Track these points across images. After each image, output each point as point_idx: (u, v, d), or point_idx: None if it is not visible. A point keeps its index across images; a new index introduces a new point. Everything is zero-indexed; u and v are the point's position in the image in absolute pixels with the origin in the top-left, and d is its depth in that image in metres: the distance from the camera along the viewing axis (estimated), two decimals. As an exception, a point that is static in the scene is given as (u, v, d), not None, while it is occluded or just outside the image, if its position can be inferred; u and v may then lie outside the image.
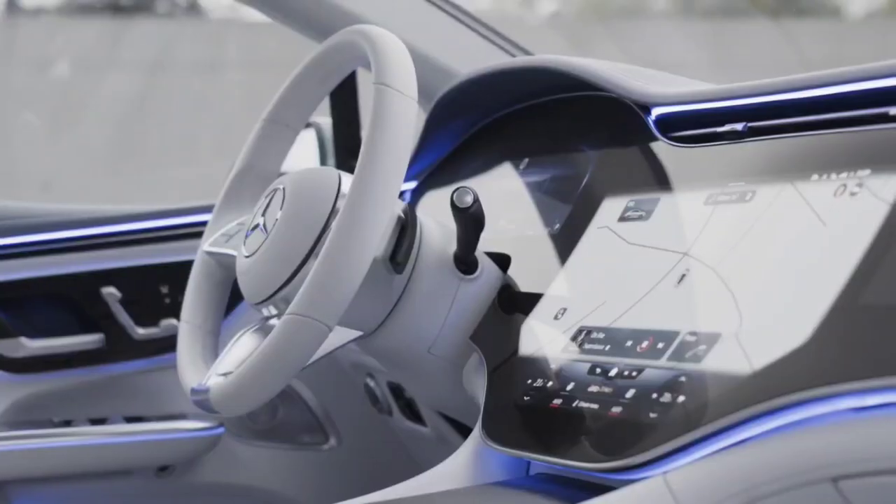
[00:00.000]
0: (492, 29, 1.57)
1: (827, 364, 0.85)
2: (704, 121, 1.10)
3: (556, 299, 1.12)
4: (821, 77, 1.00)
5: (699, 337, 0.96)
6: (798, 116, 1.02)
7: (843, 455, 0.81)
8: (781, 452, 0.84)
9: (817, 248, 0.92)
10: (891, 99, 0.94)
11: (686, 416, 0.92)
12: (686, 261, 1.02)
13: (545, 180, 1.26)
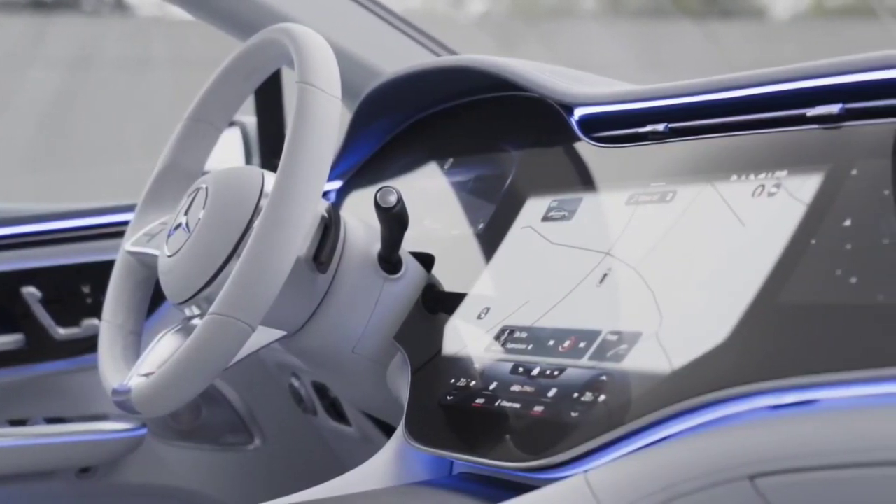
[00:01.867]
0: (417, 28, 1.57)
1: (745, 363, 0.86)
2: (626, 121, 1.11)
3: (480, 299, 1.12)
4: (740, 78, 1.01)
5: (620, 336, 0.97)
6: (718, 117, 1.03)
7: (759, 453, 0.82)
8: (700, 451, 0.85)
9: (736, 247, 0.93)
10: (808, 101, 0.95)
11: (607, 414, 0.92)
12: (608, 260, 1.03)
13: (469, 180, 1.27)
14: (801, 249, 0.88)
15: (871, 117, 0.90)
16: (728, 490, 0.83)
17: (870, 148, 0.89)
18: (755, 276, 0.89)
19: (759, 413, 0.83)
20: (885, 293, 0.80)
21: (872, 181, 0.86)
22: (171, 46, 5.26)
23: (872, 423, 0.77)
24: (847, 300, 0.82)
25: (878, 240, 0.83)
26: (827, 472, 0.79)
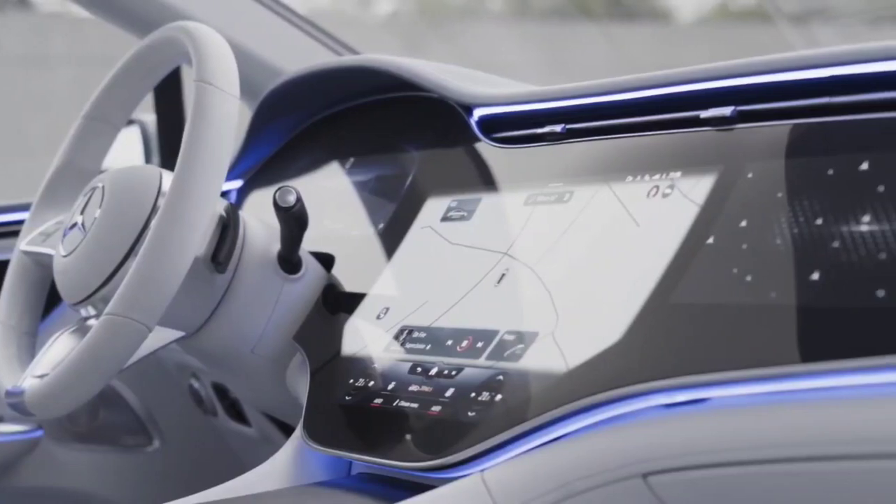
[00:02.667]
0: (319, 27, 1.56)
1: (638, 362, 0.86)
2: (525, 122, 1.11)
3: (379, 299, 1.12)
4: (636, 80, 1.02)
5: (517, 336, 0.97)
6: (615, 119, 1.04)
7: (652, 451, 0.82)
8: (594, 449, 0.86)
9: (631, 247, 0.94)
10: (702, 103, 0.96)
11: (503, 414, 0.93)
12: (506, 261, 1.03)
13: (370, 180, 1.27)
14: (694, 249, 0.89)
15: (762, 119, 0.92)
16: (622, 488, 0.84)
17: (762, 150, 0.90)
18: (649, 276, 0.90)
19: (652, 412, 0.84)
20: (777, 292, 0.81)
21: (765, 182, 0.88)
22: (71, 43, 5.19)
23: (761, 421, 0.78)
24: (741, 299, 0.83)
25: (771, 240, 0.84)
26: (716, 470, 0.80)
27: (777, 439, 0.77)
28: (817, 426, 0.76)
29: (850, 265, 0.78)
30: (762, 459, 0.78)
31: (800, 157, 0.87)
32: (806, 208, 0.83)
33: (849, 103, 0.86)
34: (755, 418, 0.79)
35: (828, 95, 0.87)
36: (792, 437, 0.77)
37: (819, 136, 0.87)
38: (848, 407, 0.75)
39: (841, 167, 0.82)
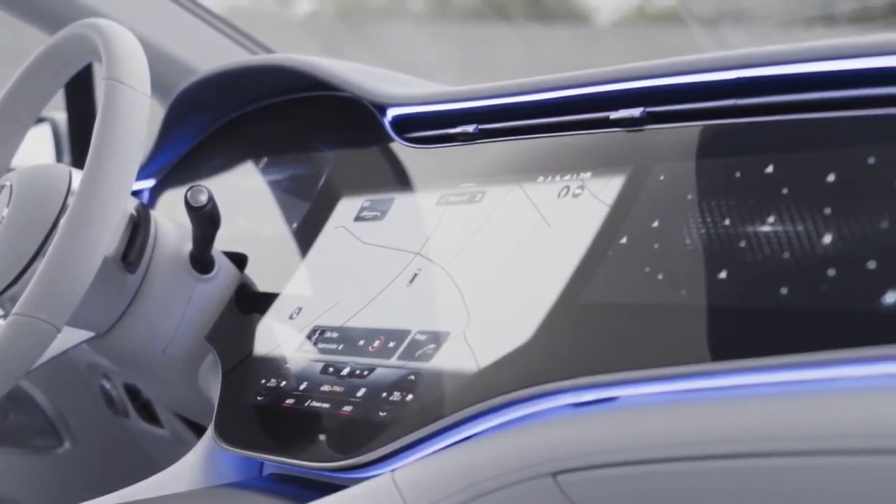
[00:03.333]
0: (232, 26, 1.55)
1: (548, 361, 0.87)
2: (438, 122, 1.12)
3: (292, 299, 1.12)
4: (547, 81, 1.03)
5: (429, 336, 0.97)
6: (527, 119, 1.04)
7: (561, 450, 0.83)
8: (504, 448, 0.86)
9: (541, 247, 0.94)
10: (611, 104, 0.97)
11: (414, 414, 0.93)
12: (418, 260, 1.03)
13: (284, 179, 1.26)
14: (604, 250, 0.89)
15: (672, 121, 0.93)
16: (531, 487, 0.84)
17: (670, 151, 0.91)
18: (559, 277, 0.91)
19: (561, 411, 0.85)
20: (686, 291, 0.82)
21: (674, 183, 0.88)
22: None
23: (668, 420, 0.79)
24: (648, 299, 0.84)
25: (679, 240, 0.85)
26: (624, 468, 0.80)
27: (684, 438, 0.78)
28: (724, 424, 0.77)
29: (755, 265, 0.79)
30: (669, 458, 0.79)
31: (707, 158, 0.88)
32: (714, 209, 0.84)
33: (754, 105, 0.87)
34: (662, 417, 0.79)
35: (734, 97, 0.89)
36: (699, 435, 0.77)
37: (726, 137, 0.88)
38: (754, 405, 0.76)
39: (747, 169, 0.83)
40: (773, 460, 0.75)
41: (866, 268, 0.73)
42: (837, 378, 0.72)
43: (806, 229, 0.77)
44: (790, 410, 0.74)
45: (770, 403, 0.75)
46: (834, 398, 0.72)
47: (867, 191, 0.75)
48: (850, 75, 0.81)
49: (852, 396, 0.71)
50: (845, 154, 0.78)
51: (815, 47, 0.83)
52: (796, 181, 0.80)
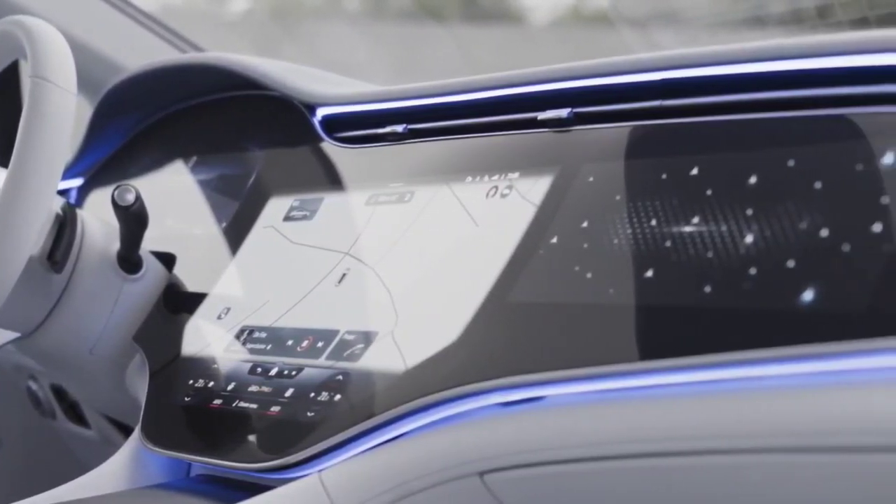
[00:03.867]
0: (162, 24, 1.54)
1: (476, 361, 0.87)
2: (367, 122, 1.11)
3: (221, 298, 1.11)
4: (476, 82, 1.03)
5: (357, 336, 0.97)
6: (455, 119, 1.05)
7: (488, 450, 0.83)
8: (432, 448, 0.86)
9: (470, 247, 0.94)
10: (540, 105, 0.97)
11: (342, 414, 0.93)
12: (347, 260, 1.03)
13: (213, 179, 1.25)
14: (531, 249, 0.90)
15: (599, 121, 0.93)
16: (459, 486, 0.84)
17: (598, 151, 0.91)
18: (487, 276, 0.91)
19: (489, 410, 0.85)
20: (613, 291, 0.83)
21: (601, 183, 0.89)
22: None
23: (594, 419, 0.79)
24: (576, 299, 0.84)
25: (606, 240, 0.85)
26: (551, 468, 0.80)
27: (609, 437, 0.78)
28: (649, 423, 0.77)
29: (680, 265, 0.80)
30: (594, 457, 0.79)
31: (634, 158, 0.88)
32: (640, 209, 0.85)
33: (680, 106, 0.88)
34: (588, 416, 0.80)
35: (661, 98, 0.89)
36: (624, 434, 0.78)
37: (652, 138, 0.88)
38: (679, 404, 0.76)
39: (673, 170, 0.84)
40: (700, 459, 0.75)
41: (786, 267, 0.74)
42: (761, 377, 0.72)
43: (729, 230, 0.78)
44: (715, 409, 0.74)
45: (694, 402, 0.75)
46: (758, 396, 0.72)
47: (787, 192, 0.76)
48: (772, 77, 0.81)
49: (776, 394, 0.71)
50: (766, 156, 0.79)
51: (737, 49, 0.84)
52: (720, 182, 0.81)
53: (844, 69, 0.77)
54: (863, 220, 0.71)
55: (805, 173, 0.76)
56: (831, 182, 0.75)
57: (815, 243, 0.73)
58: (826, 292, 0.71)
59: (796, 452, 0.70)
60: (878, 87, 0.76)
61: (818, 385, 0.69)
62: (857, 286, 0.70)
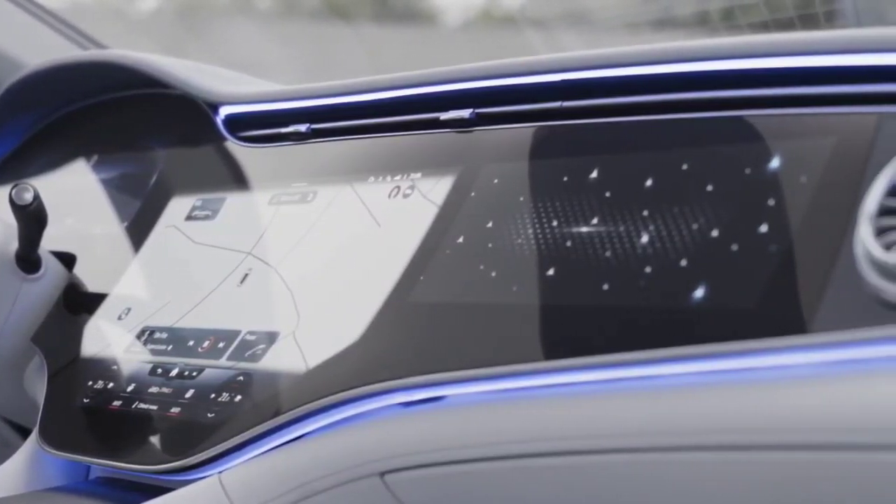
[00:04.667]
0: (64, 21, 1.52)
1: (378, 361, 0.87)
2: (270, 121, 1.11)
3: (121, 299, 1.10)
4: (380, 81, 1.03)
5: (258, 336, 0.97)
6: (359, 119, 1.04)
7: (389, 450, 0.83)
8: (333, 448, 0.86)
9: (372, 248, 0.94)
10: (442, 105, 0.97)
11: (243, 415, 0.92)
12: (249, 260, 1.03)
13: (114, 178, 1.24)
14: (433, 249, 0.90)
15: (501, 122, 0.94)
16: (360, 487, 0.84)
17: (500, 152, 0.92)
18: (389, 276, 0.91)
19: (390, 410, 0.85)
20: (513, 291, 0.83)
21: (502, 183, 0.89)
22: None
23: (494, 419, 0.80)
24: (477, 299, 0.85)
25: (508, 240, 0.86)
26: (450, 467, 0.80)
27: (509, 436, 0.79)
28: (548, 423, 0.78)
29: (580, 265, 0.80)
30: (494, 456, 0.79)
31: (535, 159, 0.89)
32: (541, 210, 0.85)
33: (580, 108, 0.88)
34: (488, 416, 0.80)
35: (561, 100, 0.90)
36: (523, 433, 0.78)
37: (553, 139, 0.89)
38: (578, 403, 0.77)
39: (572, 171, 0.85)
40: (598, 457, 0.76)
41: (680, 267, 0.74)
42: (656, 375, 0.73)
43: (626, 230, 0.79)
44: (612, 408, 0.75)
45: (593, 401, 0.76)
46: (654, 395, 0.73)
47: (681, 193, 0.77)
48: (668, 79, 0.82)
49: (670, 393, 0.72)
50: (662, 157, 0.80)
51: (634, 52, 0.85)
52: (618, 183, 0.81)
53: (736, 71, 0.79)
54: (751, 221, 0.73)
55: (698, 175, 0.77)
56: (722, 183, 0.76)
57: (707, 244, 0.74)
58: (717, 292, 0.72)
59: (692, 450, 0.71)
60: (770, 90, 0.77)
61: (710, 384, 0.70)
62: (745, 286, 0.71)
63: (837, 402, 0.64)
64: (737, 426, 0.68)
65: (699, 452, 0.71)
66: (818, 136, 0.74)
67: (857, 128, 0.72)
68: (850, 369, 0.65)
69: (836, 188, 0.71)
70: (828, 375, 0.66)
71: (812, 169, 0.72)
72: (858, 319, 0.66)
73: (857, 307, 0.66)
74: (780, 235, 0.71)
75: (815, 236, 0.70)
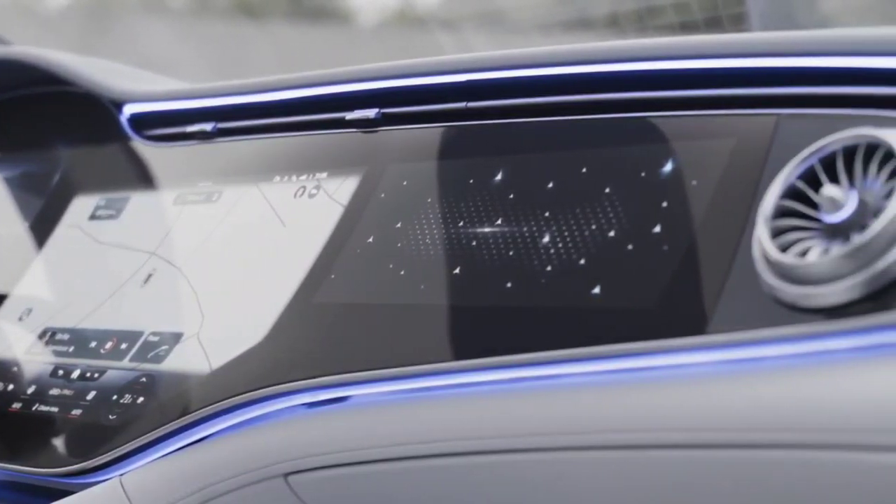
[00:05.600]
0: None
1: (283, 362, 0.86)
2: (176, 120, 1.10)
3: (22, 299, 1.08)
4: (285, 80, 1.02)
5: (162, 337, 0.96)
6: (265, 118, 1.04)
7: (292, 451, 0.82)
8: (235, 450, 0.85)
9: (277, 248, 0.94)
10: (348, 104, 0.97)
11: (145, 416, 0.91)
12: (153, 260, 1.02)
13: (16, 177, 1.22)
14: (338, 250, 0.89)
15: (407, 122, 0.93)
16: (263, 489, 0.83)
17: (405, 152, 0.91)
18: (294, 277, 0.90)
19: (294, 411, 0.84)
20: (418, 291, 0.83)
21: (407, 183, 0.89)
22: None
23: (397, 420, 0.80)
24: (380, 299, 0.85)
25: (413, 240, 0.86)
26: (354, 468, 0.80)
27: (411, 437, 0.78)
28: (453, 423, 0.78)
29: (484, 265, 0.81)
30: (397, 457, 0.79)
31: (439, 159, 0.89)
32: (445, 210, 0.85)
33: (485, 108, 0.88)
34: (391, 416, 0.80)
35: (467, 100, 0.90)
36: (426, 434, 0.78)
37: (457, 139, 0.89)
38: (481, 403, 0.77)
39: (477, 171, 0.85)
40: (501, 457, 0.76)
41: (579, 268, 0.75)
42: (557, 375, 0.73)
43: (529, 231, 0.79)
44: (515, 408, 0.75)
45: (496, 401, 0.76)
46: (556, 395, 0.73)
47: (583, 195, 0.78)
48: (570, 81, 0.83)
49: (574, 393, 0.72)
50: (563, 158, 0.80)
51: (537, 53, 0.85)
52: (520, 184, 0.82)
53: (638, 73, 0.79)
54: (651, 222, 0.73)
55: (600, 176, 0.77)
56: (623, 185, 0.76)
57: (608, 245, 0.75)
58: (618, 292, 0.73)
59: (593, 450, 0.71)
60: (672, 93, 0.78)
61: (610, 383, 0.70)
62: (645, 286, 0.72)
63: (734, 402, 0.65)
64: (635, 426, 0.69)
65: (600, 452, 0.71)
66: (718, 137, 0.74)
67: (755, 130, 0.73)
68: (747, 368, 0.66)
69: (735, 189, 0.72)
70: (725, 375, 0.66)
71: (711, 170, 0.73)
72: (756, 319, 0.67)
73: (756, 307, 0.67)
74: (680, 236, 0.72)
75: (715, 237, 0.71)
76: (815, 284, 0.64)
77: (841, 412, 0.61)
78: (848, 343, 0.63)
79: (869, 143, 0.66)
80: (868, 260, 0.63)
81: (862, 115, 0.70)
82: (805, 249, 0.66)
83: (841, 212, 0.65)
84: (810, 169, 0.68)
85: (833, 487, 0.63)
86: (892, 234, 0.63)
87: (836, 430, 0.62)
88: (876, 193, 0.65)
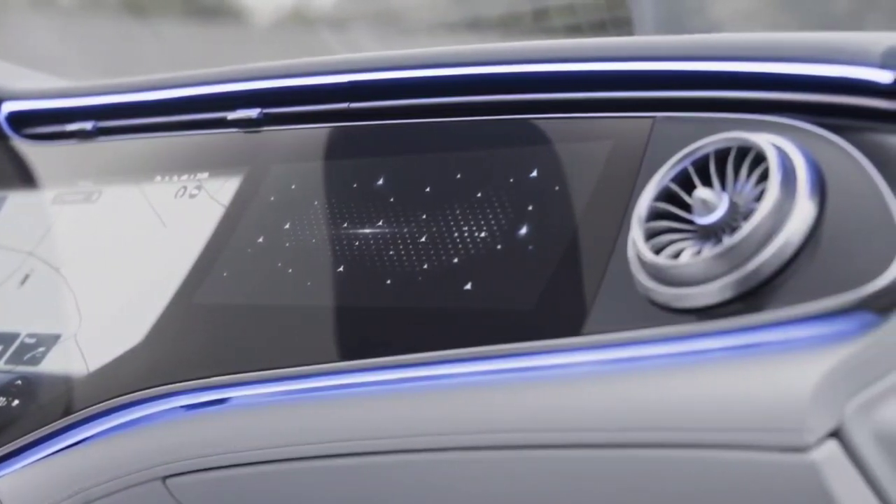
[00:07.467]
0: None
1: (162, 363, 0.85)
2: (55, 118, 1.08)
3: None
4: (167, 79, 1.02)
5: (38, 339, 0.94)
6: (146, 117, 1.03)
7: (171, 454, 0.82)
8: (113, 454, 0.84)
9: (157, 249, 0.93)
10: (230, 104, 0.96)
11: (20, 420, 0.89)
12: (30, 261, 1.00)
13: None
14: (219, 250, 0.89)
15: (289, 122, 0.93)
16: (141, 492, 0.83)
17: (287, 152, 0.91)
18: (173, 277, 0.89)
19: (172, 414, 0.83)
20: (298, 292, 0.82)
21: (290, 184, 0.89)
22: None
23: (275, 421, 0.79)
24: (263, 300, 0.84)
25: (294, 241, 0.85)
26: (233, 471, 0.80)
27: (290, 439, 0.78)
28: (334, 424, 0.77)
29: (363, 266, 0.81)
30: (277, 459, 0.79)
31: (322, 160, 0.89)
32: (327, 211, 0.85)
33: (367, 109, 0.88)
34: (271, 418, 0.79)
35: (348, 101, 0.90)
36: (306, 436, 0.78)
37: (339, 140, 0.89)
38: (362, 404, 0.77)
39: (358, 172, 0.85)
40: (383, 458, 0.76)
41: (454, 269, 0.75)
42: (441, 375, 0.74)
43: (409, 232, 0.79)
44: (397, 409, 0.75)
45: (378, 402, 0.76)
46: (438, 395, 0.73)
47: (461, 197, 0.78)
48: (452, 82, 0.83)
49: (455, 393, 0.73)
50: (445, 160, 0.81)
51: (418, 54, 0.85)
52: (402, 186, 0.82)
53: (517, 75, 0.80)
54: (529, 224, 0.74)
55: (478, 178, 0.78)
56: (501, 186, 0.77)
57: (487, 246, 0.75)
58: (498, 294, 0.73)
59: (475, 450, 0.72)
60: (550, 95, 0.79)
61: (490, 384, 0.71)
62: (524, 288, 0.72)
63: (609, 402, 0.66)
64: (514, 426, 0.69)
65: (480, 452, 0.72)
66: (595, 140, 0.75)
67: (632, 133, 0.74)
68: (622, 368, 0.66)
69: (611, 192, 0.72)
70: (601, 375, 0.67)
71: (588, 173, 0.74)
72: (632, 320, 0.67)
73: (631, 308, 0.68)
74: (556, 238, 0.72)
75: (591, 239, 0.71)
76: (688, 286, 0.65)
77: (712, 411, 0.62)
78: (719, 343, 0.64)
79: (740, 147, 0.68)
80: (739, 261, 0.64)
81: (734, 118, 0.71)
82: (678, 251, 0.67)
83: (712, 214, 0.66)
84: (684, 171, 0.69)
85: (707, 486, 0.64)
86: (761, 235, 0.64)
87: (708, 430, 0.63)
88: (746, 196, 0.66)
